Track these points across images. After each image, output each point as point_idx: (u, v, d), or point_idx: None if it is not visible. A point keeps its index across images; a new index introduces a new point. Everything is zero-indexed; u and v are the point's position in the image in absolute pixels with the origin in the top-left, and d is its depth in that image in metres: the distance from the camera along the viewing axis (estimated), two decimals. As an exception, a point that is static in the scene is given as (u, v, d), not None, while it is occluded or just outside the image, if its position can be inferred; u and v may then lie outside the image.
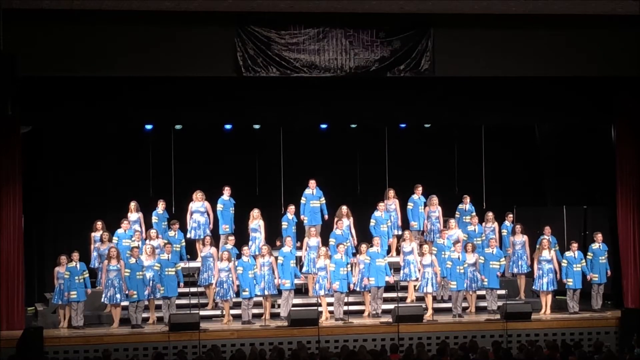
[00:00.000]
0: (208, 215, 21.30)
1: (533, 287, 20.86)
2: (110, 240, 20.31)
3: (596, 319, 20.04)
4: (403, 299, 20.53)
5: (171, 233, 20.89)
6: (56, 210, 22.39)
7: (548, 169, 24.10)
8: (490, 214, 21.92)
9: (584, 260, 20.57)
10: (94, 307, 20.05)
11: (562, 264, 20.59)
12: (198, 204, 21.20)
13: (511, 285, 21.45)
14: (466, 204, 22.20)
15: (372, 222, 21.31)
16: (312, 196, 21.49)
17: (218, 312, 20.15)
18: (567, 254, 20.61)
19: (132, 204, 21.32)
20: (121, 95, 19.83)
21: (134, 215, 21.26)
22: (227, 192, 21.38)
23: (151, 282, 19.53)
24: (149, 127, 21.80)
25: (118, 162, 22.57)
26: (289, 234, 21.02)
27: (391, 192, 21.74)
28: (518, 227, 21.50)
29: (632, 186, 21.19)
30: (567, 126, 23.05)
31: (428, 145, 23.66)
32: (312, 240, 20.84)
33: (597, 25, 20.01)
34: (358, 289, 20.32)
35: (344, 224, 20.88)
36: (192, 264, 21.08)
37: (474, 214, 21.99)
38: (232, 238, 20.60)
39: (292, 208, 21.36)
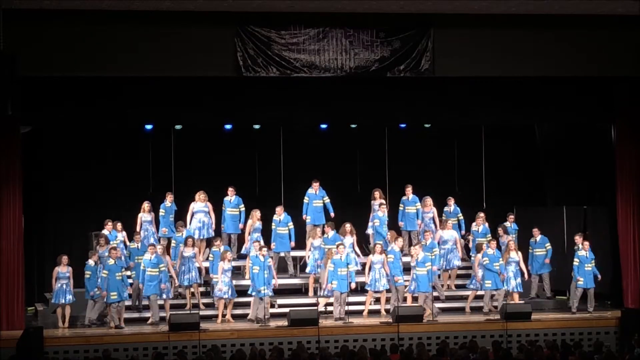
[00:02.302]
0: (210, 215, 21.31)
1: (504, 288, 20.81)
2: (107, 243, 20.27)
3: (596, 319, 20.04)
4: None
5: (178, 234, 20.89)
6: (56, 210, 22.38)
7: (548, 169, 24.10)
8: (481, 215, 21.86)
9: (595, 260, 20.55)
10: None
11: (574, 263, 20.55)
12: (201, 204, 21.19)
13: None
14: (451, 206, 22.20)
15: (377, 222, 21.32)
16: (315, 196, 21.54)
17: (218, 312, 20.15)
18: (580, 253, 20.60)
19: (145, 205, 21.30)
20: (121, 95, 19.82)
21: (146, 215, 21.25)
22: (230, 193, 21.44)
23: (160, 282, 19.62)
24: (149, 127, 21.80)
25: (118, 162, 22.55)
26: (274, 235, 21.03)
27: (377, 193, 21.69)
28: (500, 230, 21.49)
29: (632, 186, 21.18)
30: (567, 126, 23.05)
31: (428, 145, 23.66)
32: (317, 240, 20.85)
33: (597, 25, 20.01)
34: (372, 289, 20.32)
35: (347, 241, 20.80)
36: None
37: (460, 214, 22.00)
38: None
39: (279, 209, 21.31)
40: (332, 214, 21.60)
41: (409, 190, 21.96)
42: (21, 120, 19.21)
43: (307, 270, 20.98)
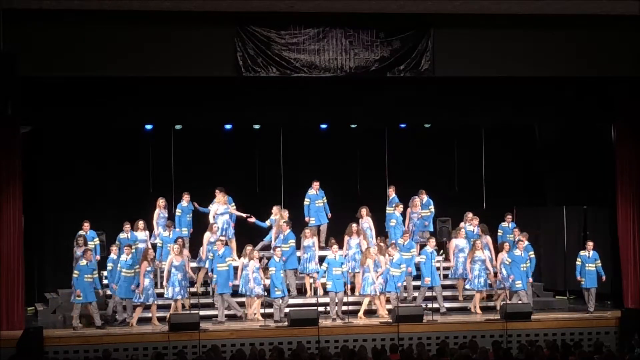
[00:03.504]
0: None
1: (467, 286, 20.72)
2: (85, 244, 20.17)
3: (596, 319, 20.03)
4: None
5: (165, 233, 20.86)
6: (56, 210, 22.37)
7: (548, 169, 24.10)
8: (470, 215, 21.85)
9: (598, 261, 20.53)
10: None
11: (577, 263, 20.54)
12: (223, 206, 21.14)
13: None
14: (423, 198, 22.01)
15: (393, 222, 21.31)
16: (316, 196, 21.56)
17: (248, 311, 20.12)
18: (582, 253, 20.61)
19: (160, 201, 21.29)
20: (121, 95, 19.83)
21: (163, 212, 21.23)
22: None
23: (181, 282, 19.53)
24: (149, 127, 21.81)
25: (118, 162, 22.57)
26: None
27: (364, 210, 21.36)
28: (480, 229, 21.40)
29: (632, 186, 21.18)
30: (567, 126, 23.05)
31: (428, 145, 23.66)
32: (308, 240, 20.76)
33: (597, 25, 20.01)
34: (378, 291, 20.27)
35: (353, 242, 20.74)
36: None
37: (432, 207, 21.91)
38: (222, 238, 20.62)
39: (275, 209, 21.30)
40: (329, 215, 21.59)
41: (391, 191, 21.92)
42: (21, 120, 19.22)
43: (299, 269, 20.93)
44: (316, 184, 21.61)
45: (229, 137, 22.65)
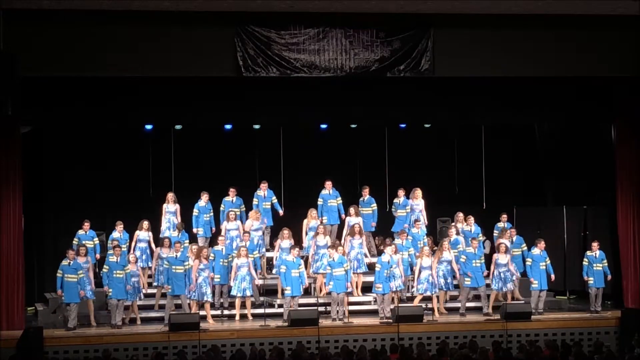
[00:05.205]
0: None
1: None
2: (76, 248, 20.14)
3: (596, 319, 20.03)
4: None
5: (174, 233, 20.86)
6: (56, 210, 22.39)
7: (548, 169, 24.11)
8: (460, 215, 21.78)
9: (605, 260, 20.51)
10: (95, 306, 20.03)
11: (583, 263, 20.52)
12: (258, 222, 21.21)
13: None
14: (400, 197, 21.90)
15: (406, 226, 21.31)
16: (329, 196, 21.54)
17: (218, 312, 20.16)
18: (588, 253, 20.60)
19: (170, 195, 21.31)
20: (121, 95, 19.84)
21: (171, 206, 21.25)
22: (232, 194, 21.48)
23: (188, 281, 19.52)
24: (149, 127, 21.81)
25: (118, 162, 22.56)
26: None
27: (352, 210, 21.31)
28: (453, 230, 21.24)
29: (632, 186, 21.19)
30: (567, 126, 23.06)
31: (428, 146, 23.66)
32: (285, 242, 20.55)
33: (597, 25, 20.00)
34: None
35: (356, 242, 20.72)
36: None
37: (409, 207, 21.74)
38: (221, 238, 20.59)
39: (263, 186, 21.48)
40: (343, 216, 21.53)
41: (365, 191, 21.86)
42: (21, 120, 19.23)
43: (312, 270, 20.89)
44: (329, 184, 21.58)
45: (229, 137, 22.66)
